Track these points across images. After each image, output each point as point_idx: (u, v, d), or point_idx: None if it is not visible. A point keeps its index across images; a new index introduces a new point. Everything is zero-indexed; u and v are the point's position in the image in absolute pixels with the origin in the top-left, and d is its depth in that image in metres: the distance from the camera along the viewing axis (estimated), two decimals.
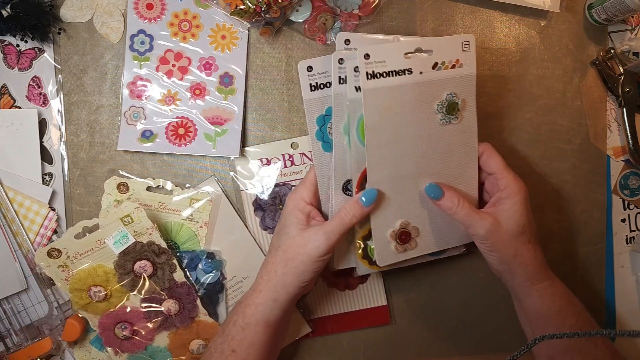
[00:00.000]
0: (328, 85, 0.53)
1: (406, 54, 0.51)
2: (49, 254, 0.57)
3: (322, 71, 0.53)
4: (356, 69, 0.51)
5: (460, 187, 0.55)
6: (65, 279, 0.58)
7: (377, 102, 0.50)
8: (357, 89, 0.51)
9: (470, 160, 0.55)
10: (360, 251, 0.56)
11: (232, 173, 0.62)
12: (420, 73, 0.51)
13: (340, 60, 0.52)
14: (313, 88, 0.53)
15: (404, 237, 0.55)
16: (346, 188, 0.55)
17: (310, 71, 0.53)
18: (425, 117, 0.53)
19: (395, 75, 0.50)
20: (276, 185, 0.62)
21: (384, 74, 0.50)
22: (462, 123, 0.54)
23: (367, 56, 0.49)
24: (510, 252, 0.51)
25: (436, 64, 0.52)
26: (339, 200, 0.54)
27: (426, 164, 0.54)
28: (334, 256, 0.57)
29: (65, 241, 0.58)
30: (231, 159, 0.62)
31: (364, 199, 0.51)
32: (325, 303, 0.63)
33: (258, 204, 0.62)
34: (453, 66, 0.53)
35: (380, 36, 0.56)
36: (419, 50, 0.51)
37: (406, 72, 0.51)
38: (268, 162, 0.62)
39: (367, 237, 0.55)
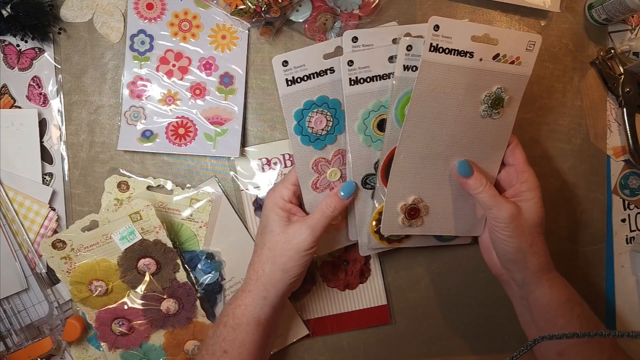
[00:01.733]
0: (305, 78, 0.53)
1: (473, 37, 0.51)
2: (54, 245, 0.58)
3: (298, 65, 0.52)
4: (409, 48, 0.51)
5: None
6: (67, 271, 0.58)
7: (432, 76, 0.51)
8: (405, 68, 0.52)
9: (496, 156, 0.56)
10: (374, 224, 0.57)
11: (232, 173, 0.62)
12: (480, 60, 0.52)
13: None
14: (289, 83, 0.53)
15: (413, 212, 0.56)
16: (365, 182, 0.56)
17: (285, 66, 0.52)
18: (469, 104, 0.53)
19: (457, 55, 0.51)
20: None
21: (447, 51, 0.51)
22: (500, 120, 0.55)
23: (436, 27, 0.50)
24: (528, 240, 0.52)
25: (497, 55, 0.52)
26: (360, 195, 0.56)
27: (455, 149, 0.55)
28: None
29: (71, 233, 0.58)
30: (231, 159, 0.62)
31: (342, 193, 0.54)
32: (325, 303, 0.63)
33: (258, 204, 0.62)
34: (512, 62, 0.53)
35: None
36: (486, 36, 0.52)
37: (468, 54, 0.51)
38: (268, 162, 0.62)
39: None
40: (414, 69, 0.52)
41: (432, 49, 0.50)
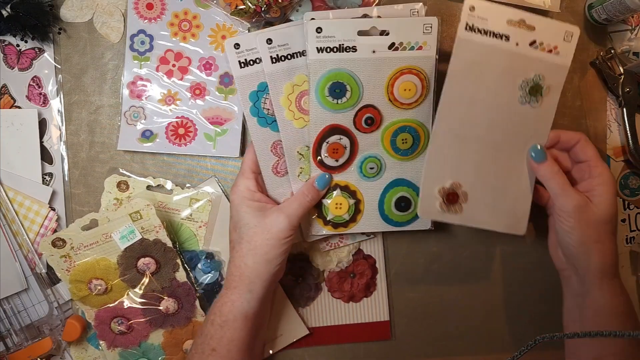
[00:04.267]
0: (258, 61, 0.55)
1: (509, 21, 0.51)
2: (53, 244, 0.58)
3: (249, 48, 0.54)
4: (318, 30, 0.52)
5: (514, 171, 0.55)
6: (67, 270, 0.58)
7: (467, 55, 0.51)
8: (319, 50, 0.53)
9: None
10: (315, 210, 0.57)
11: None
12: (517, 44, 0.52)
13: (269, 41, 0.53)
14: (242, 65, 0.54)
15: (451, 197, 0.54)
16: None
17: (237, 48, 0.54)
18: (506, 88, 0.53)
19: (492, 37, 0.51)
20: None
21: (482, 32, 0.51)
22: (539, 109, 0.54)
23: (472, 8, 0.50)
24: (593, 235, 0.51)
25: (534, 41, 0.52)
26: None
27: (495, 133, 0.54)
28: (302, 231, 0.58)
29: (71, 232, 0.58)
30: (231, 159, 0.62)
31: (316, 184, 0.55)
32: (328, 313, 0.63)
33: None
34: (550, 51, 0.53)
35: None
36: (522, 22, 0.51)
37: (504, 37, 0.51)
38: None
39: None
40: (327, 50, 0.52)
41: (467, 28, 0.50)
